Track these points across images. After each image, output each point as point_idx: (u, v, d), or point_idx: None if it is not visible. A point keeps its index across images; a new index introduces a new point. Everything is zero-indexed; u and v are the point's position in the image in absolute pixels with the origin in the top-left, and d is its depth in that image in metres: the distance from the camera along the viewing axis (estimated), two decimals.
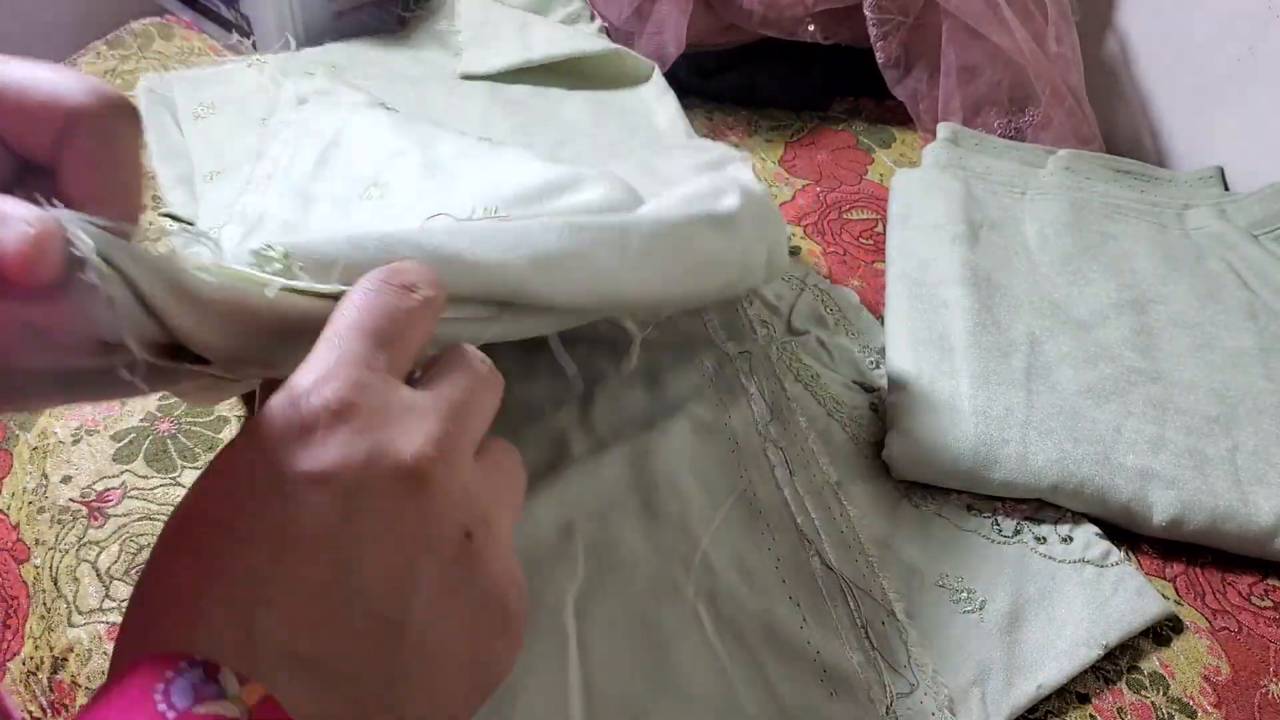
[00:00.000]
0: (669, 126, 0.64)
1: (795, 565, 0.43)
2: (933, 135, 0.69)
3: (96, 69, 0.66)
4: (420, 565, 0.22)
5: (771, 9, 0.70)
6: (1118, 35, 0.76)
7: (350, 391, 0.23)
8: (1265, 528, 0.45)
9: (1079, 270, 0.58)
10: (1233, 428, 0.50)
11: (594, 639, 0.38)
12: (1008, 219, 0.62)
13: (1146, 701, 0.41)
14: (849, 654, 0.40)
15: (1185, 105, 0.72)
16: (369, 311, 0.25)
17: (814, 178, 0.68)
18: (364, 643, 0.21)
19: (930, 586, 0.43)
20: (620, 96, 0.68)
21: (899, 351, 0.52)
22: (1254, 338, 0.55)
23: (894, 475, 0.47)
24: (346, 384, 0.23)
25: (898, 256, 0.58)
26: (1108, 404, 0.50)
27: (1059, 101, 0.70)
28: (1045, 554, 0.45)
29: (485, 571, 0.24)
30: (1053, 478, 0.46)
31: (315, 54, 0.68)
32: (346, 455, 0.22)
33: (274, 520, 0.21)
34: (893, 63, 0.71)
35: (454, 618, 0.23)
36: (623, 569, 0.41)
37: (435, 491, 0.23)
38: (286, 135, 0.54)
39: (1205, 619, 0.44)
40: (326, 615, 0.21)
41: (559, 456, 0.44)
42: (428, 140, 0.49)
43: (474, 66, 0.68)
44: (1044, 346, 0.52)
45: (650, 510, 0.43)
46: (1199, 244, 0.63)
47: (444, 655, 0.23)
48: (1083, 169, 0.67)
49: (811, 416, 0.49)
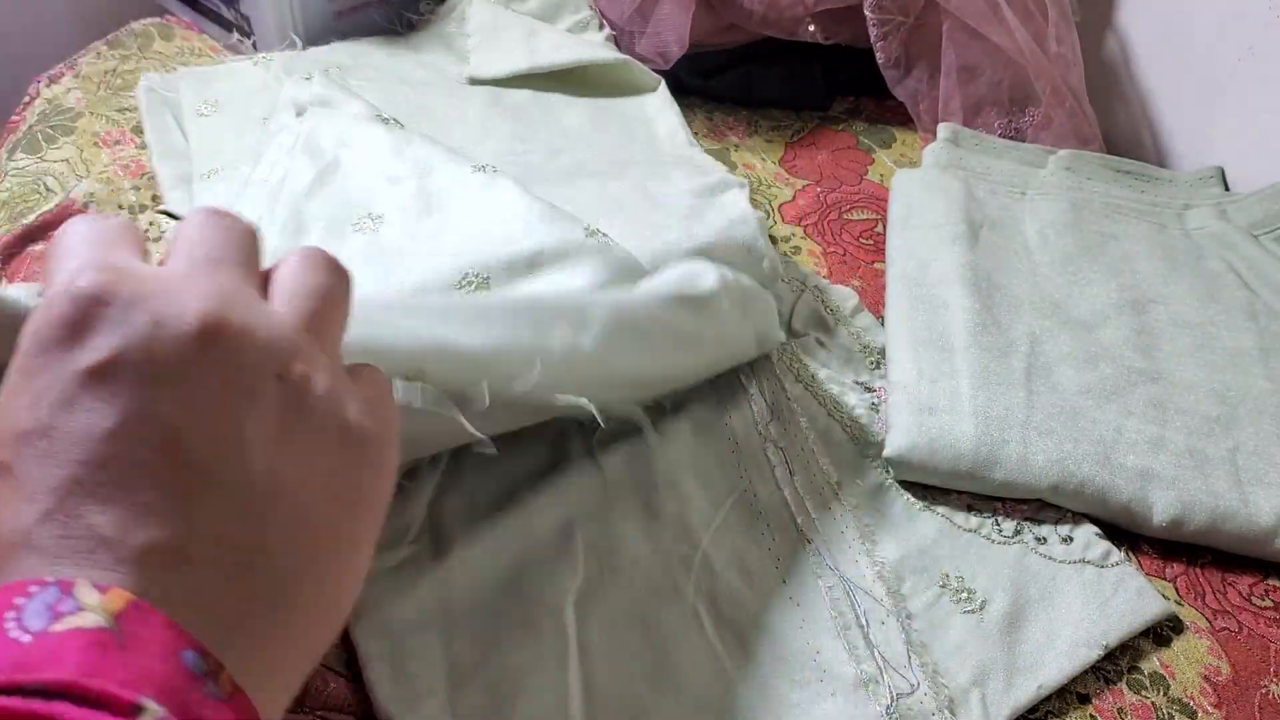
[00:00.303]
0: (669, 136, 0.64)
1: (795, 565, 0.43)
2: (933, 135, 0.69)
3: (96, 69, 0.66)
4: (243, 417, 0.21)
5: (772, 9, 0.70)
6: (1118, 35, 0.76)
7: (107, 274, 0.21)
8: (1265, 528, 0.45)
9: (1079, 270, 0.58)
10: (1233, 428, 0.50)
11: (594, 639, 0.38)
12: (1008, 219, 0.62)
13: (1147, 702, 0.41)
14: (849, 654, 0.40)
15: (1185, 105, 0.72)
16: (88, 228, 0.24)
17: (814, 178, 0.68)
18: (216, 509, 0.21)
19: (931, 587, 0.43)
20: (622, 104, 0.68)
21: (899, 351, 0.52)
22: (1254, 338, 0.55)
23: (894, 475, 0.47)
24: (102, 270, 0.21)
25: (898, 257, 0.58)
26: (1108, 404, 0.50)
27: (1059, 101, 0.70)
28: (1045, 554, 0.45)
29: (318, 404, 0.23)
30: (1053, 478, 0.46)
31: (320, 53, 0.68)
32: (125, 337, 0.21)
33: (80, 429, 0.20)
34: (893, 63, 0.71)
35: (301, 456, 0.22)
36: (623, 569, 0.41)
37: (232, 340, 0.22)
38: (284, 141, 0.54)
39: (1205, 619, 0.44)
40: (167, 497, 0.20)
41: (559, 456, 0.44)
42: (425, 166, 0.49)
43: (480, 71, 0.68)
44: (1044, 346, 0.52)
45: (650, 510, 0.43)
46: (1199, 244, 0.63)
47: (305, 495, 0.22)
48: (1083, 169, 0.67)
49: (812, 417, 0.49)
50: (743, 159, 0.69)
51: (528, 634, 0.38)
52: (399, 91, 0.64)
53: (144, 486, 0.20)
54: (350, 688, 0.36)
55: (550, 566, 0.40)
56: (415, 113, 0.60)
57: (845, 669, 0.39)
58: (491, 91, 0.66)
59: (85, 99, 0.63)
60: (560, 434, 0.45)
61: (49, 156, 0.58)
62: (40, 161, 0.58)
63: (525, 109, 0.65)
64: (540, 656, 0.37)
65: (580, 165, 0.59)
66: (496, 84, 0.67)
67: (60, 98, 0.63)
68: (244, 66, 0.65)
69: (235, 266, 0.24)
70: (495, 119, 0.63)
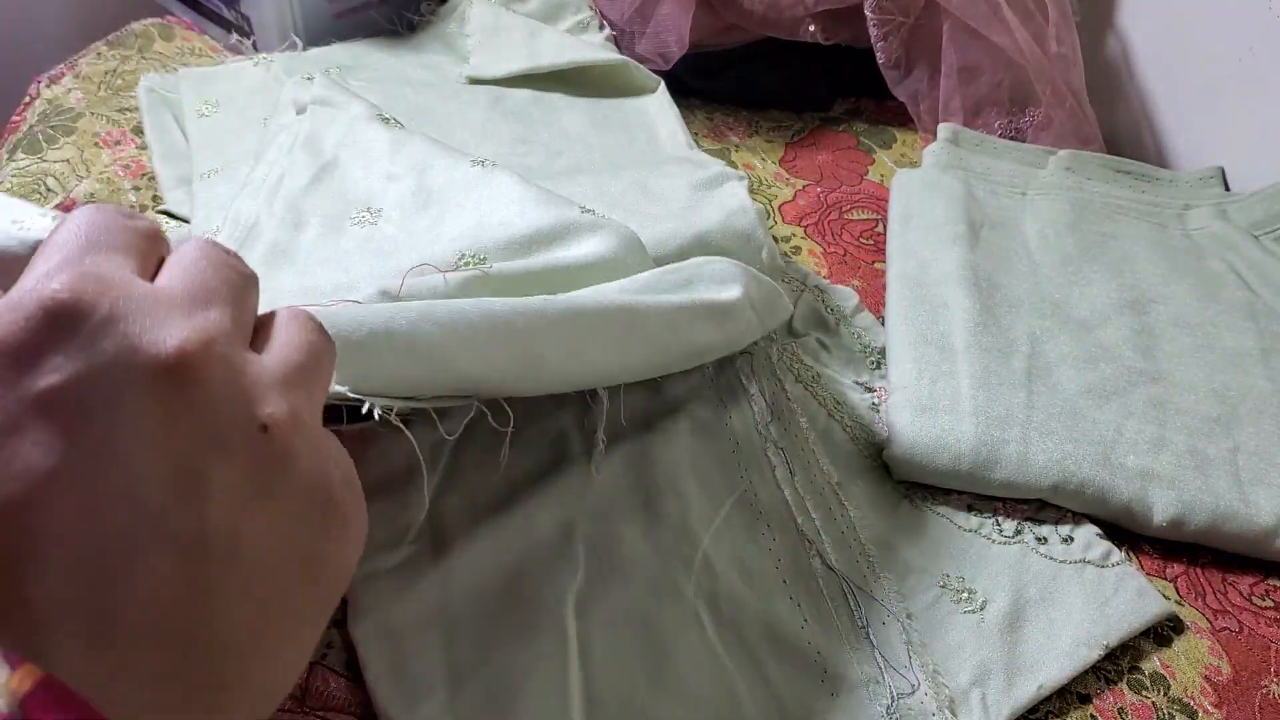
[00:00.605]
0: (669, 138, 0.64)
1: (796, 565, 0.43)
2: (933, 136, 0.69)
3: (97, 69, 0.66)
4: (210, 468, 0.19)
5: (772, 9, 0.70)
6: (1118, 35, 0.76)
7: (88, 283, 0.19)
8: (1266, 528, 0.45)
9: (1079, 270, 0.58)
10: (1233, 428, 0.50)
11: (594, 639, 0.38)
12: (1008, 219, 0.62)
13: (1147, 702, 0.41)
14: (850, 654, 0.40)
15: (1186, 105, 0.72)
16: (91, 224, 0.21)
17: (815, 178, 0.68)
18: (159, 572, 0.18)
19: (931, 587, 0.43)
20: (622, 106, 0.68)
21: (899, 351, 0.52)
22: (1254, 338, 0.55)
23: (894, 475, 0.47)
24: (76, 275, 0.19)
25: (898, 256, 0.58)
26: (1108, 404, 0.49)
27: (1059, 102, 0.70)
28: (1046, 554, 0.45)
29: (296, 466, 0.21)
30: (1053, 478, 0.46)
31: (320, 54, 0.68)
32: (90, 361, 0.18)
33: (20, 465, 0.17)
34: (893, 63, 0.71)
35: (267, 522, 0.20)
36: (623, 569, 0.41)
37: (209, 382, 0.19)
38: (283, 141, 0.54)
39: (1206, 619, 0.44)
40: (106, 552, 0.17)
41: (559, 456, 0.44)
42: (423, 165, 0.49)
43: (481, 71, 0.68)
44: (1044, 347, 0.52)
45: (651, 510, 0.43)
46: (1200, 244, 0.63)
47: (262, 565, 0.20)
48: (1083, 169, 0.67)
49: (812, 417, 0.49)
50: (743, 159, 0.69)
51: (528, 634, 0.38)
52: (399, 92, 0.64)
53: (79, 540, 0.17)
54: (350, 688, 0.36)
55: (550, 566, 0.40)
56: (416, 113, 0.60)
57: (845, 669, 0.39)
58: (492, 92, 0.66)
59: (86, 99, 0.63)
60: (560, 434, 0.45)
61: (49, 157, 0.58)
62: (41, 162, 0.58)
63: (526, 110, 0.65)
64: (540, 656, 0.37)
65: (580, 166, 0.59)
66: (497, 84, 0.67)
67: (61, 98, 0.63)
68: (244, 67, 0.65)
69: (228, 305, 0.22)
70: (496, 120, 0.63)
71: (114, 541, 0.18)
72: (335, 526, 0.22)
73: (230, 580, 0.19)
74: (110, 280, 0.20)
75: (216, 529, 0.19)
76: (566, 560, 0.40)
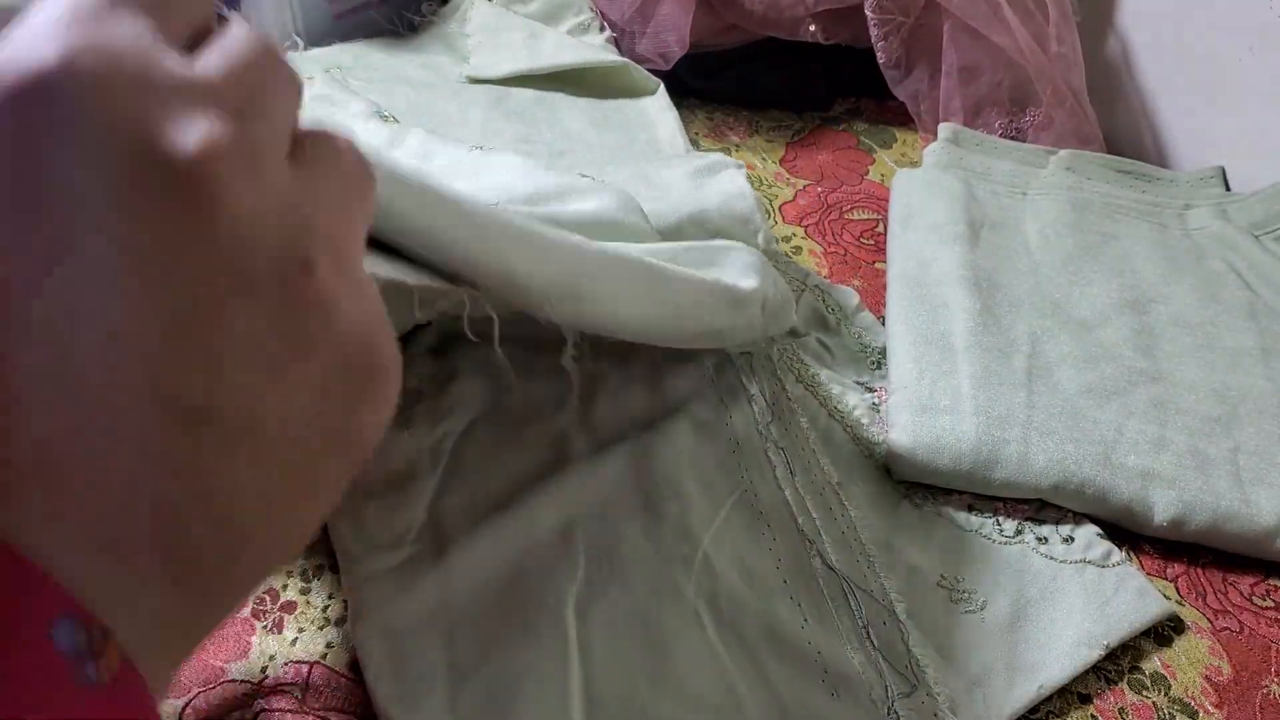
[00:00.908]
0: (669, 140, 0.65)
1: (796, 565, 0.43)
2: (934, 135, 0.69)
3: None
4: (229, 317, 0.15)
5: (772, 9, 0.70)
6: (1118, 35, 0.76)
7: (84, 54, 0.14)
8: (1267, 528, 0.45)
9: (1080, 270, 0.58)
10: (1234, 428, 0.49)
11: (594, 639, 0.38)
12: (1009, 219, 0.62)
13: (1148, 702, 0.41)
14: (850, 654, 0.40)
15: (1186, 105, 0.72)
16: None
17: (815, 178, 0.68)
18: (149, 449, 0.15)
19: (931, 587, 0.43)
20: (622, 107, 0.68)
21: (899, 351, 0.52)
22: (1255, 338, 0.55)
23: (895, 475, 0.47)
24: (80, 36, 0.14)
25: (898, 256, 0.58)
26: (1109, 404, 0.49)
27: (1060, 101, 0.70)
28: (1046, 554, 0.45)
29: (335, 315, 0.17)
30: (1054, 478, 0.46)
31: (321, 54, 0.68)
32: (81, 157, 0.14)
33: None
34: (894, 63, 0.71)
35: (294, 386, 0.16)
36: (623, 569, 0.41)
37: (236, 202, 0.15)
38: None
39: (1207, 619, 0.44)
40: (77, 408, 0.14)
41: (559, 456, 0.44)
42: (424, 153, 0.50)
43: (481, 71, 0.68)
44: (1045, 346, 0.52)
45: (651, 510, 0.43)
46: (1200, 244, 0.63)
47: (282, 439, 0.16)
48: (1083, 169, 0.67)
49: (812, 417, 0.49)
50: (743, 159, 0.69)
51: (528, 634, 0.38)
52: (400, 92, 0.64)
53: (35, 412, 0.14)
54: (350, 687, 0.36)
55: (550, 566, 0.40)
56: (417, 113, 0.60)
57: (845, 669, 0.39)
58: (494, 92, 0.67)
59: None
60: (561, 434, 0.45)
61: None
62: None
63: (528, 110, 0.65)
64: (540, 656, 0.37)
65: (581, 166, 0.59)
66: (499, 84, 0.67)
67: None
68: None
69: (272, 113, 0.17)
70: (498, 120, 0.63)
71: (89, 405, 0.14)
72: (373, 392, 0.18)
73: (238, 455, 0.16)
74: (123, 52, 0.15)
75: (228, 398, 0.15)
76: (566, 560, 0.40)
